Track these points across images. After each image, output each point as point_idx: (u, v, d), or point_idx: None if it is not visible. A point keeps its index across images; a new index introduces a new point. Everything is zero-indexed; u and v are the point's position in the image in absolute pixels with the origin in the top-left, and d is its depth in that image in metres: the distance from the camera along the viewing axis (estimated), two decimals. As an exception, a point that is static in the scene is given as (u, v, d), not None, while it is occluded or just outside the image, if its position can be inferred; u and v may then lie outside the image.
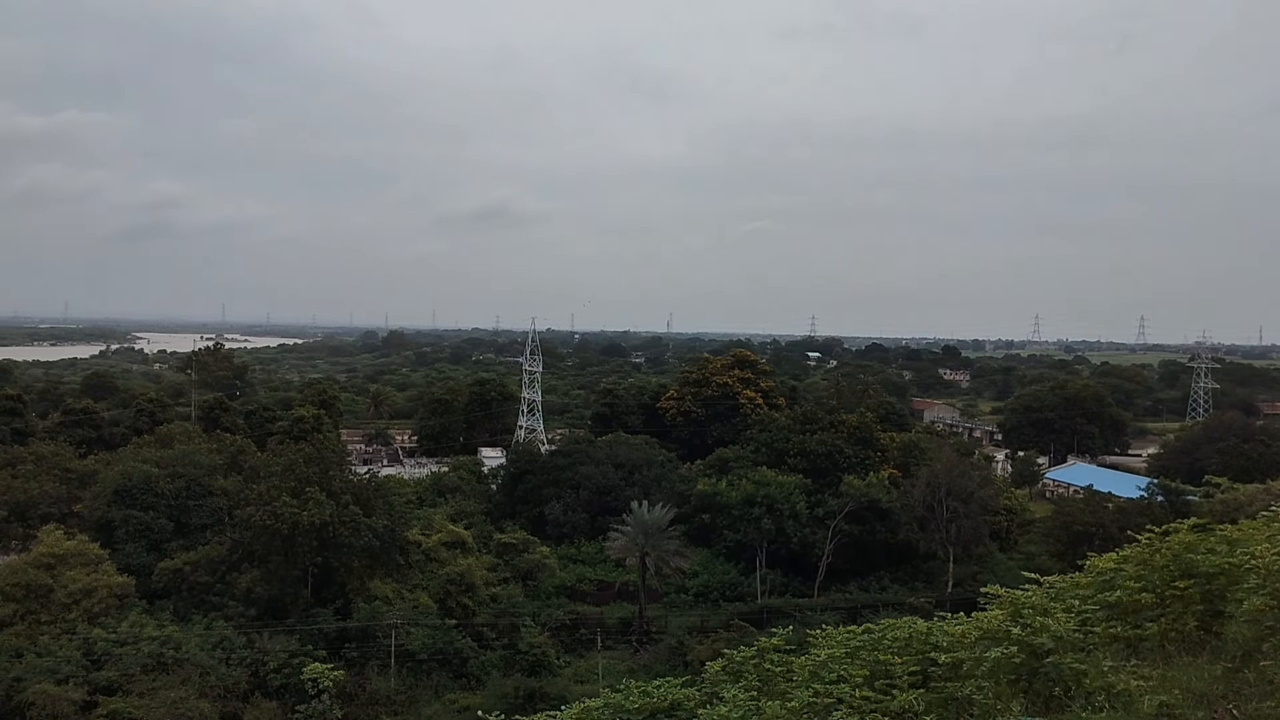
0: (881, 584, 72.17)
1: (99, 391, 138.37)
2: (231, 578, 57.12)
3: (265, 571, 56.39)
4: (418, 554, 63.53)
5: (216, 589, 56.83)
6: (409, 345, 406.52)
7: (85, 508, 63.98)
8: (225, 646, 50.68)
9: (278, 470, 61.33)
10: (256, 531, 56.00)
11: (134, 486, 62.87)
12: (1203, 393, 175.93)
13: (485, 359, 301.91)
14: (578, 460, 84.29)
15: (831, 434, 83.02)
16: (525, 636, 56.46)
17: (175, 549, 59.87)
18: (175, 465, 66.10)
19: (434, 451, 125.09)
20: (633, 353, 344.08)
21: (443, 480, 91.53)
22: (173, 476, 64.52)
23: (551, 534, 77.53)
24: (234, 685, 48.39)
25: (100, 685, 46.63)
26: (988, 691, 9.26)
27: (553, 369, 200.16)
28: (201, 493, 64.77)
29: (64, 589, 52.10)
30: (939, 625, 11.91)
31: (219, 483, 65.97)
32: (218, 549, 58.83)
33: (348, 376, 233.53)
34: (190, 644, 49.86)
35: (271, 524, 55.05)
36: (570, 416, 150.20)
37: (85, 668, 47.45)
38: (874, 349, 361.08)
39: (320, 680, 47.29)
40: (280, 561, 56.20)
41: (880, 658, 10.91)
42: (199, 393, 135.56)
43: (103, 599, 52.60)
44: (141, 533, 61.11)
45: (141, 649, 48.72)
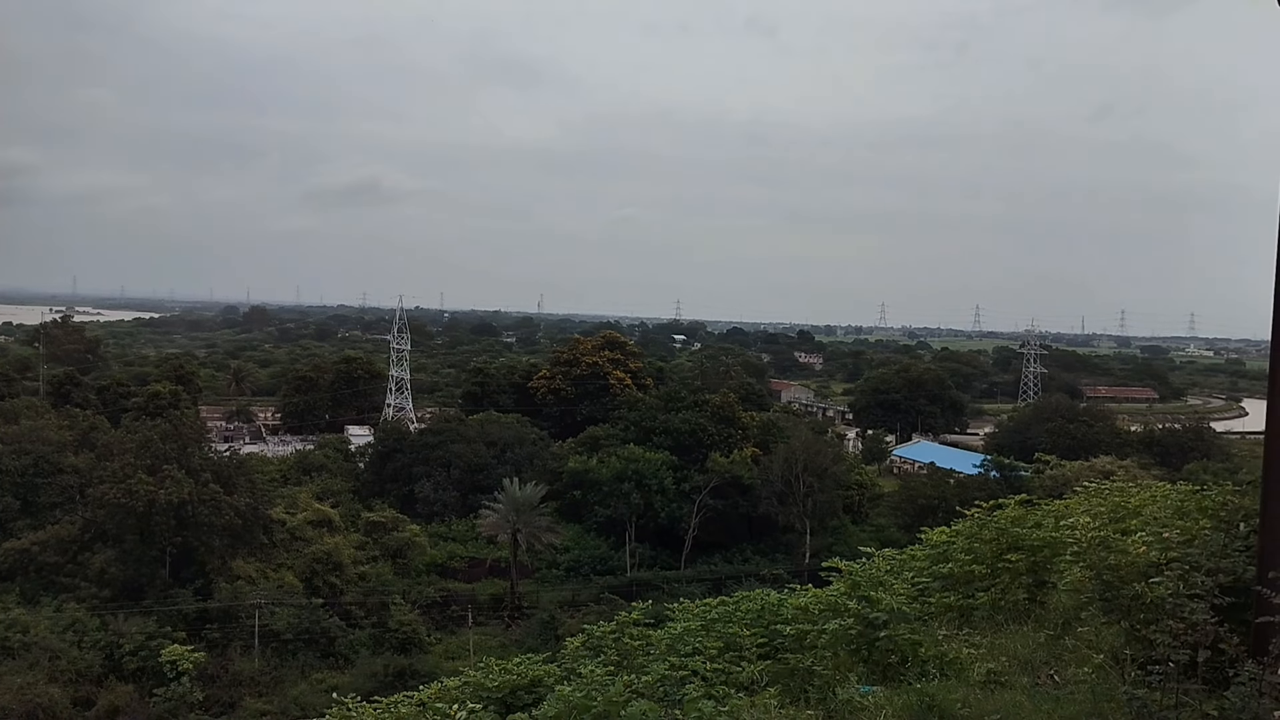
0: (744, 556, 75.17)
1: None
2: (84, 558, 54.84)
3: (120, 551, 54.39)
4: (282, 533, 62.35)
5: (67, 570, 54.49)
6: (272, 321, 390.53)
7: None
8: (77, 629, 48.83)
9: (133, 447, 59.07)
10: (110, 510, 53.90)
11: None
12: (1032, 377, 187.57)
13: (352, 336, 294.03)
14: (448, 439, 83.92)
15: (696, 413, 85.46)
16: (395, 614, 56.36)
17: (21, 528, 57.02)
18: (21, 441, 62.68)
19: (299, 429, 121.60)
20: (504, 332, 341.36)
21: (308, 458, 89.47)
22: (18, 453, 61.21)
23: (422, 512, 77.12)
24: (87, 669, 46.76)
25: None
26: (828, 662, 9.69)
27: (422, 347, 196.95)
28: (50, 470, 61.69)
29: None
30: (788, 597, 12.42)
31: (69, 460, 62.98)
32: (68, 528, 56.34)
33: (207, 352, 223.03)
34: (39, 627, 47.83)
35: (126, 502, 53.11)
36: (440, 395, 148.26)
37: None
38: (735, 332, 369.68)
39: (180, 662, 46.47)
40: (136, 541, 54.29)
41: (732, 630, 11.32)
42: (48, 367, 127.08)
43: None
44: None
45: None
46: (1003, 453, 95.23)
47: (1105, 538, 9.02)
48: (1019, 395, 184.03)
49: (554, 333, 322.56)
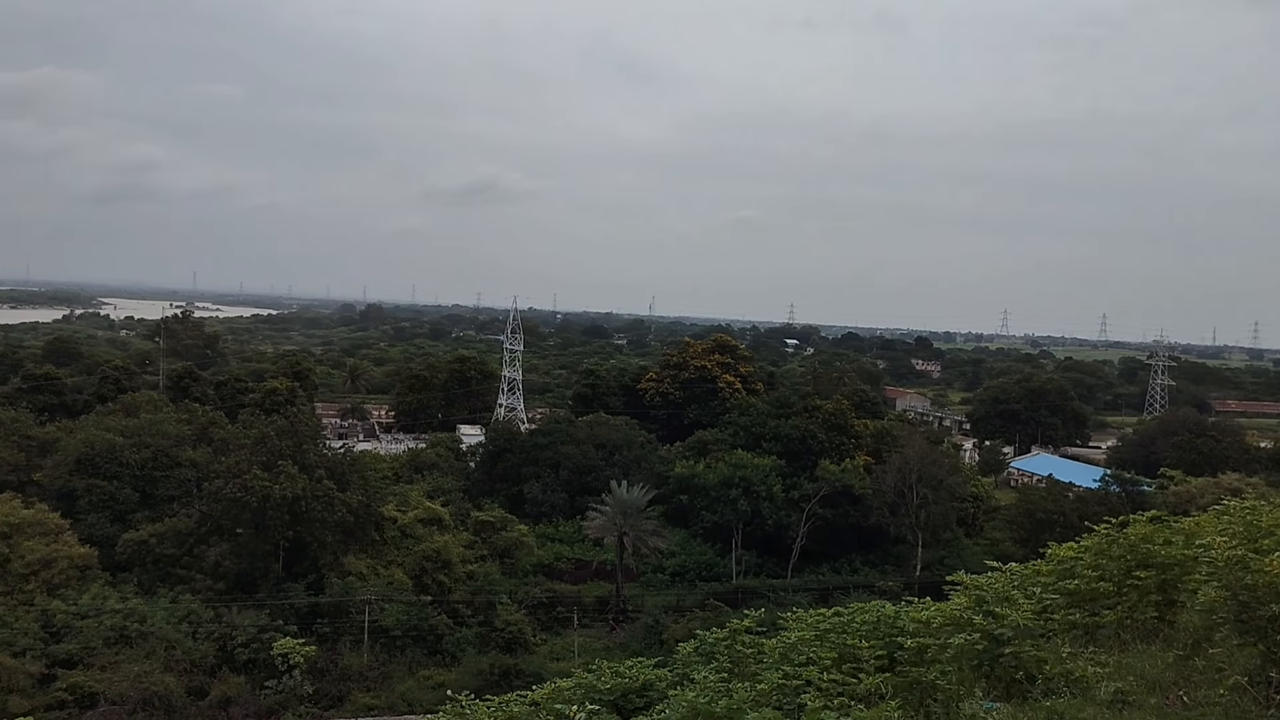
0: (853, 566, 72.59)
1: (61, 357, 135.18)
2: (199, 551, 55.97)
3: (235, 545, 55.33)
4: (393, 530, 62.66)
5: (184, 562, 55.68)
6: (387, 319, 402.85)
7: (45, 476, 62.56)
8: (192, 620, 49.73)
9: (249, 443, 60.13)
10: (226, 504, 54.91)
11: (98, 455, 61.40)
12: (1159, 389, 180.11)
13: (465, 336, 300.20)
14: (558, 440, 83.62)
15: (807, 419, 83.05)
16: (501, 614, 55.90)
17: (141, 520, 58.51)
18: (142, 435, 64.56)
19: (411, 428, 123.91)
20: (615, 334, 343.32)
21: (420, 457, 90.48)
22: (139, 446, 63.01)
23: (530, 512, 76.91)
24: (201, 659, 47.51)
25: (59, 658, 45.60)
26: (951, 677, 9.48)
27: (534, 348, 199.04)
28: (169, 464, 63.38)
29: (21, 559, 50.78)
30: (905, 610, 12.11)
31: (188, 454, 64.61)
32: (185, 521, 57.62)
33: (323, 349, 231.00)
34: (155, 617, 48.84)
35: (242, 497, 53.99)
36: (551, 396, 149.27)
37: (44, 640, 46.37)
38: (850, 338, 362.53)
39: (291, 655, 46.67)
40: (250, 535, 55.15)
41: (848, 641, 11.07)
42: (168, 361, 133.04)
43: (63, 570, 51.31)
44: (105, 503, 59.69)
45: (104, 622, 47.65)
46: (1125, 467, 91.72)
47: (1243, 557, 8.87)
48: (1145, 408, 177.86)
49: (664, 335, 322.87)
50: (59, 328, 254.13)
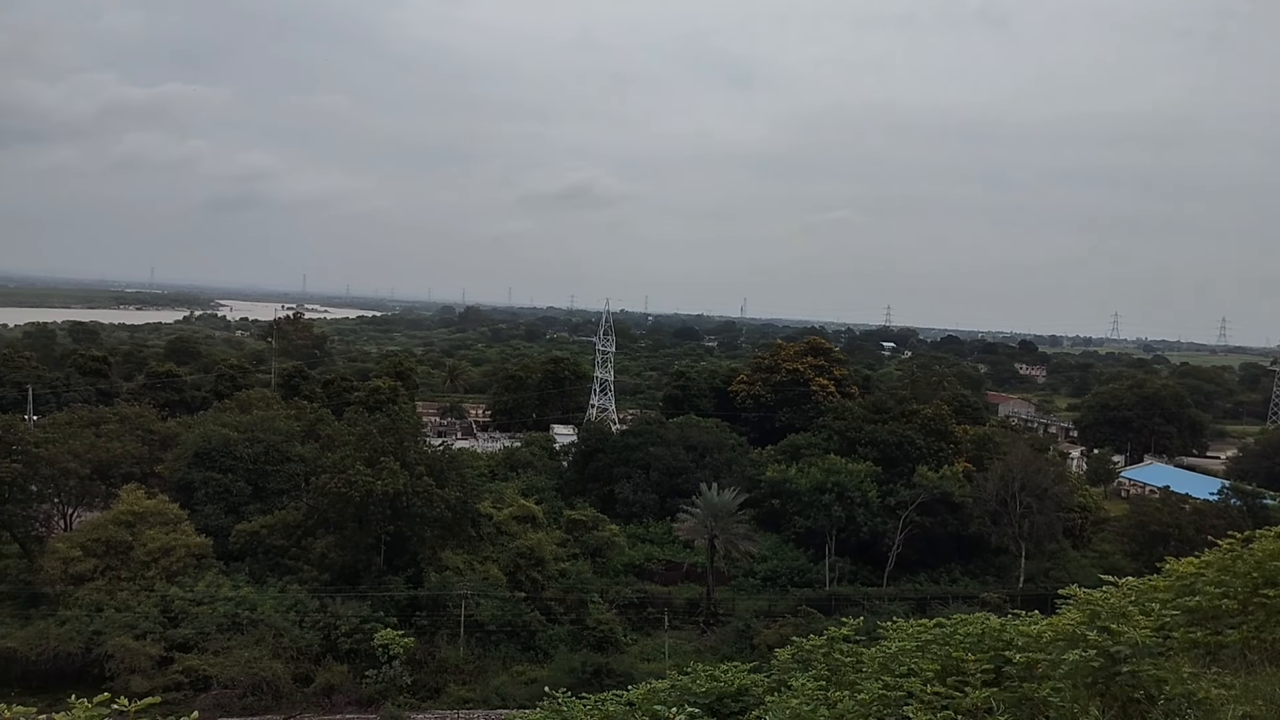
0: (952, 576, 70.80)
1: (182, 356, 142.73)
2: (306, 542, 58.15)
3: (339, 538, 57.26)
4: (489, 526, 63.92)
5: (291, 553, 57.90)
6: (485, 321, 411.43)
7: (166, 469, 65.83)
8: (299, 609, 51.63)
9: (353, 439, 62.21)
10: (331, 498, 56.87)
11: (214, 449, 64.42)
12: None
13: (559, 337, 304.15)
14: (648, 441, 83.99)
15: (904, 424, 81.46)
16: (593, 613, 56.48)
17: (252, 512, 61.14)
18: (254, 430, 67.46)
19: (507, 426, 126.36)
20: (706, 336, 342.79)
21: (515, 455, 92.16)
22: (252, 441, 65.87)
23: (621, 513, 77.48)
24: (306, 647, 49.31)
25: (177, 642, 47.92)
26: (1065, 694, 9.16)
27: (626, 350, 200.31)
28: (279, 458, 66.02)
29: (143, 547, 53.49)
30: (1013, 623, 11.76)
31: (296, 449, 67.20)
32: (294, 514, 59.93)
33: (424, 350, 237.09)
34: (265, 605, 50.92)
35: (346, 491, 55.83)
36: (642, 397, 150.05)
37: (163, 624, 48.81)
38: (949, 341, 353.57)
39: (391, 646, 48.13)
40: (354, 528, 57.00)
41: (953, 653, 10.75)
42: (279, 360, 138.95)
43: (181, 558, 53.89)
44: (220, 495, 62.60)
45: (218, 608, 49.96)
46: (1247, 479, 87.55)
47: None
48: (1268, 416, 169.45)
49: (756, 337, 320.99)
50: (179, 328, 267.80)
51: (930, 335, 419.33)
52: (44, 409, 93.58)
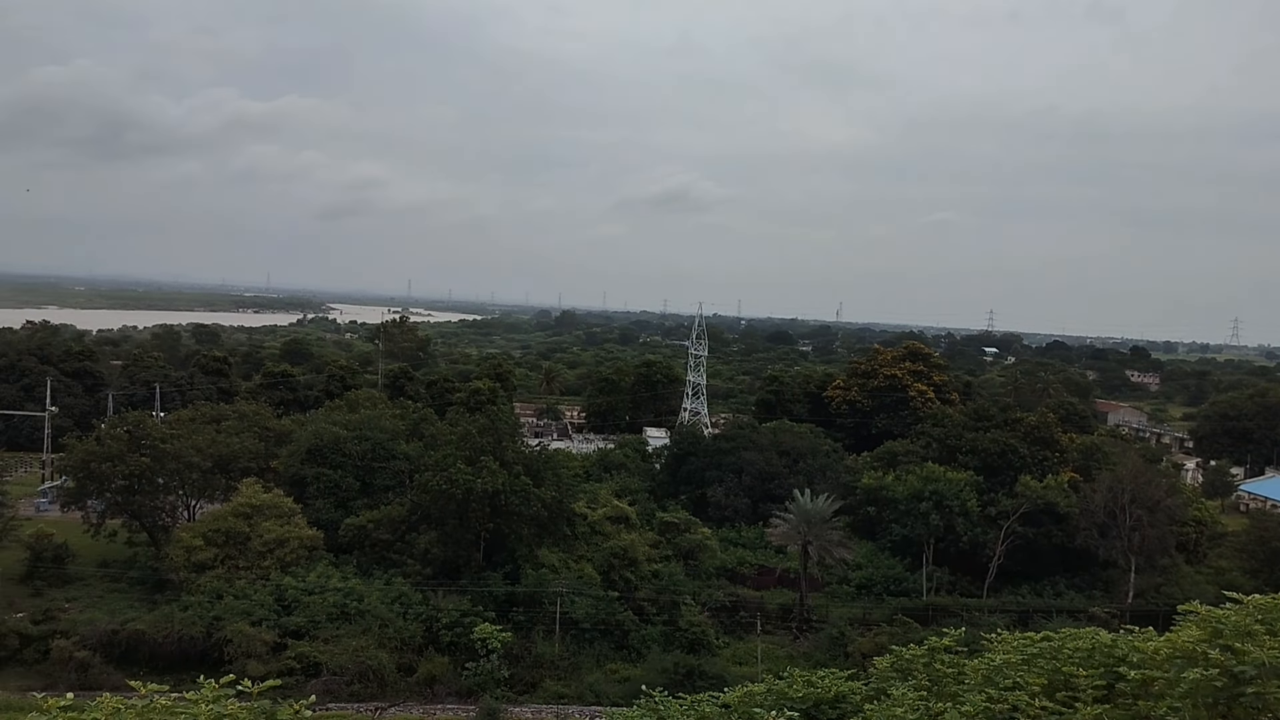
0: (1056, 589, 68.58)
1: (295, 357, 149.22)
2: (410, 537, 60.17)
3: (441, 533, 59.06)
4: (583, 526, 64.96)
5: (396, 547, 60.00)
6: (580, 325, 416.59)
7: (281, 464, 68.91)
8: (403, 602, 53.54)
9: (455, 438, 64.04)
10: (434, 495, 58.71)
11: (325, 446, 67.20)
12: None
13: (652, 341, 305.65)
14: (741, 445, 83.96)
15: (1007, 432, 79.28)
16: (685, 614, 56.83)
17: (360, 507, 63.58)
18: (362, 429, 70.09)
19: (601, 428, 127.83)
20: (800, 341, 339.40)
21: (608, 457, 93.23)
22: (360, 439, 68.46)
23: (713, 516, 77.63)
24: (410, 638, 51.11)
25: (290, 629, 50.27)
26: (1184, 714, 8.76)
27: (718, 354, 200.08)
28: (385, 456, 68.42)
29: (260, 538, 56.30)
30: (1125, 639, 11.31)
31: (401, 447, 69.53)
32: (398, 509, 62.06)
33: (522, 353, 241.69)
34: (371, 597, 52.97)
35: (447, 489, 57.57)
36: (734, 401, 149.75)
37: (277, 612, 51.26)
38: (1056, 347, 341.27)
39: (489, 640, 49.52)
40: (455, 525, 58.72)
41: (1062, 668, 10.37)
42: (385, 362, 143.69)
43: (294, 549, 56.51)
44: (330, 490, 65.28)
45: (327, 598, 52.19)
46: None
47: None
48: None
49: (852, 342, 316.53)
50: (293, 331, 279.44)
51: (1035, 340, 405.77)
52: (170, 406, 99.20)
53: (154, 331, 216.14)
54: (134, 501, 61.10)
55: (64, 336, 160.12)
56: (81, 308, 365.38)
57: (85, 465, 60.54)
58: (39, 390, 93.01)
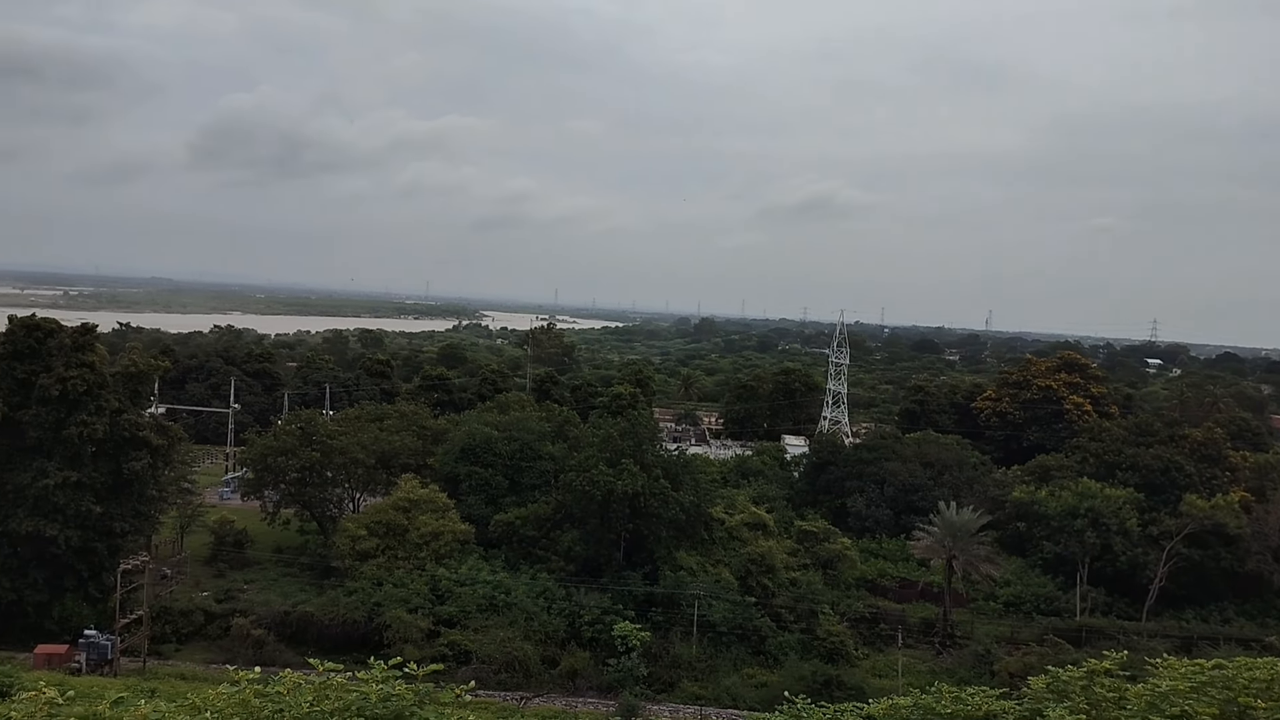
0: (1224, 616, 64.65)
1: (451, 361, 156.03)
2: (555, 535, 62.31)
3: (583, 532, 60.93)
4: (721, 531, 65.60)
5: (541, 544, 62.26)
6: (719, 332, 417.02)
7: (437, 461, 72.47)
8: (547, 596, 55.59)
9: (597, 441, 65.88)
10: (577, 495, 60.64)
11: (477, 446, 70.35)
12: None
13: (791, 349, 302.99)
14: (883, 455, 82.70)
15: (1171, 449, 75.22)
16: (823, 623, 56.64)
17: (509, 504, 66.27)
18: (511, 430, 72.97)
19: (739, 435, 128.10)
20: (946, 350, 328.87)
21: (746, 463, 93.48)
22: (509, 439, 71.33)
23: (853, 526, 76.79)
24: (553, 632, 53.05)
25: (442, 617, 53.01)
26: None
27: (860, 362, 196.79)
28: (532, 456, 71.02)
29: (417, 530, 59.57)
30: None
31: (547, 448, 72.00)
32: (544, 508, 64.35)
33: (661, 359, 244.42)
34: (518, 590, 55.25)
35: (589, 490, 59.37)
36: (876, 411, 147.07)
37: (431, 601, 54.16)
38: (1226, 359, 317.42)
39: (629, 638, 50.85)
40: (597, 524, 60.45)
41: (1238, 698, 9.89)
42: (533, 366, 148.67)
43: (448, 542, 59.51)
44: (481, 487, 68.29)
45: (477, 590, 54.79)
46: None
47: None
48: None
49: (1002, 351, 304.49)
50: (449, 336, 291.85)
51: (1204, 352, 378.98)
52: (338, 405, 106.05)
53: (325, 336, 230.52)
54: (305, 493, 65.76)
55: (246, 340, 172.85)
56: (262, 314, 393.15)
57: (263, 458, 65.69)
58: (224, 389, 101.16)
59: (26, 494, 51.19)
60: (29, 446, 52.54)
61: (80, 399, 52.65)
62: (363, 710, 6.23)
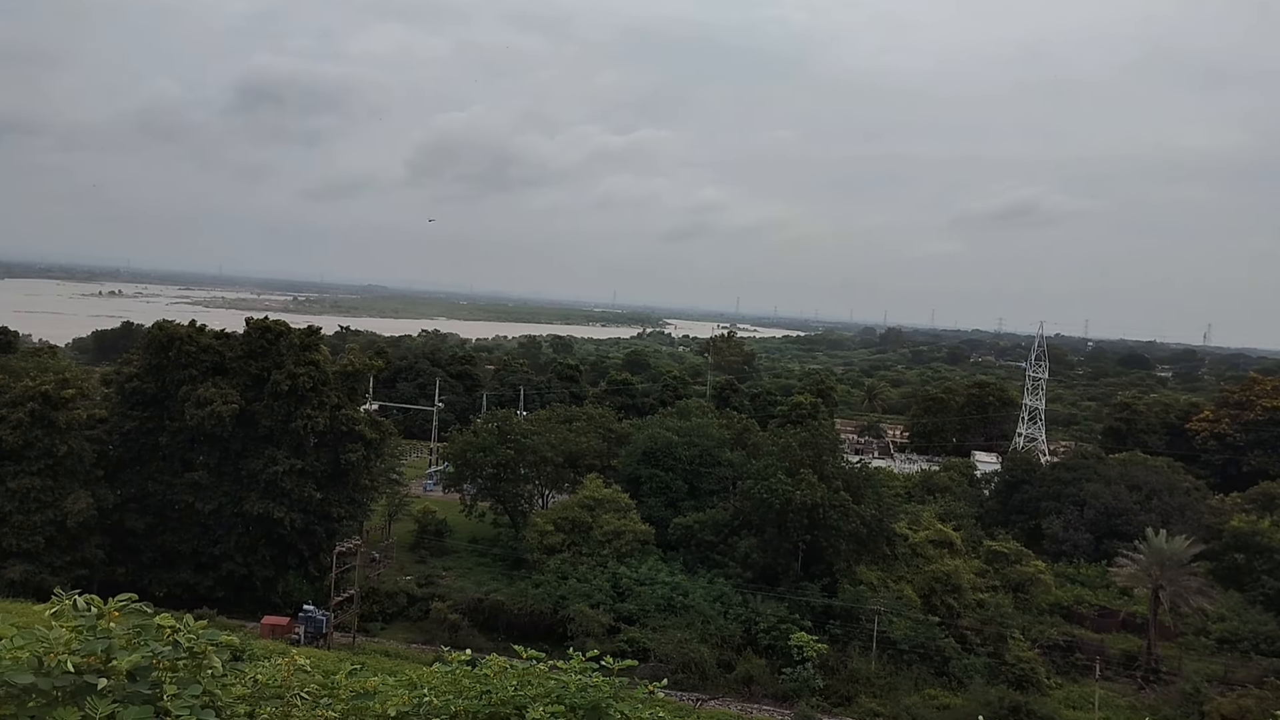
0: None
1: (635, 367, 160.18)
2: (732, 541, 62.89)
3: (761, 540, 61.18)
4: (904, 547, 64.16)
5: (719, 549, 62.99)
6: (906, 343, 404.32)
7: (620, 463, 74.76)
8: (723, 601, 56.26)
9: (776, 450, 65.96)
10: (755, 503, 60.96)
11: (658, 450, 72.00)
12: None
13: (984, 361, 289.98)
14: (1084, 476, 78.29)
15: None
16: (1013, 648, 54.38)
17: (687, 508, 67.45)
18: (691, 435, 74.20)
19: (925, 449, 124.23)
20: (1158, 365, 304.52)
21: (932, 479, 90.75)
22: (689, 445, 72.58)
23: (1047, 549, 73.17)
24: (729, 637, 53.61)
25: (622, 614, 54.71)
26: None
27: (1060, 377, 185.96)
28: (711, 462, 71.94)
29: (600, 528, 61.73)
30: None
31: (726, 455, 72.72)
32: (722, 513, 65.08)
33: (844, 369, 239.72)
34: (695, 593, 56.20)
35: (767, 498, 59.56)
36: (1077, 429, 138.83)
37: (612, 597, 55.99)
38: None
39: (805, 649, 50.75)
40: (774, 533, 60.55)
41: None
42: (713, 374, 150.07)
43: (628, 542, 61.28)
44: (661, 490, 69.84)
45: (656, 590, 56.16)
46: None
47: None
48: None
49: (1222, 369, 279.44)
50: (634, 343, 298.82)
51: None
52: (530, 406, 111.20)
53: (520, 341, 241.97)
54: (499, 487, 69.57)
55: (450, 344, 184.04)
56: (464, 319, 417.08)
57: (462, 454, 70.02)
58: (430, 388, 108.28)
59: (259, 479, 56.88)
60: (261, 436, 58.37)
61: (305, 394, 58.03)
62: (562, 698, 6.43)
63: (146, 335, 62.47)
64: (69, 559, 53.75)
